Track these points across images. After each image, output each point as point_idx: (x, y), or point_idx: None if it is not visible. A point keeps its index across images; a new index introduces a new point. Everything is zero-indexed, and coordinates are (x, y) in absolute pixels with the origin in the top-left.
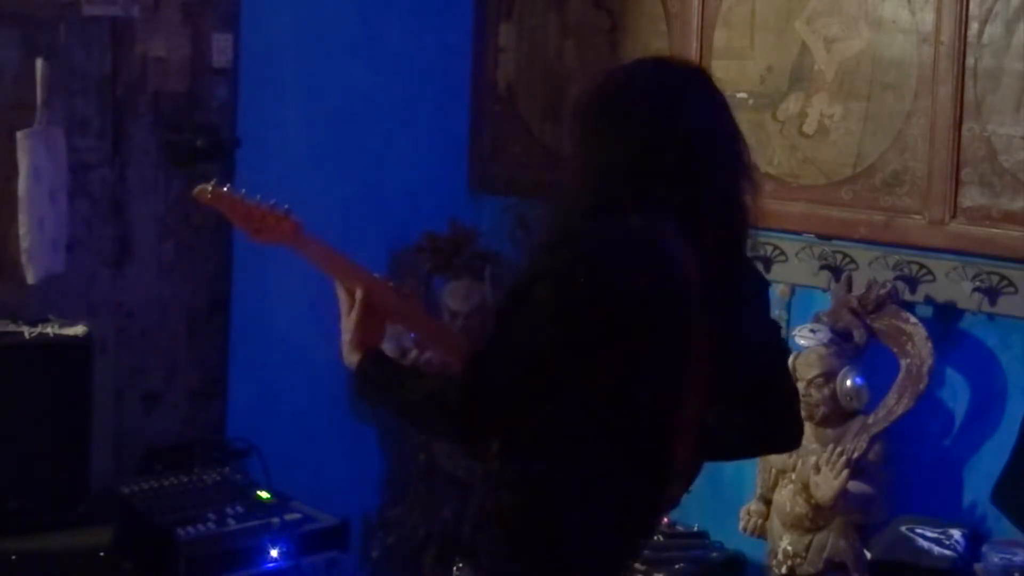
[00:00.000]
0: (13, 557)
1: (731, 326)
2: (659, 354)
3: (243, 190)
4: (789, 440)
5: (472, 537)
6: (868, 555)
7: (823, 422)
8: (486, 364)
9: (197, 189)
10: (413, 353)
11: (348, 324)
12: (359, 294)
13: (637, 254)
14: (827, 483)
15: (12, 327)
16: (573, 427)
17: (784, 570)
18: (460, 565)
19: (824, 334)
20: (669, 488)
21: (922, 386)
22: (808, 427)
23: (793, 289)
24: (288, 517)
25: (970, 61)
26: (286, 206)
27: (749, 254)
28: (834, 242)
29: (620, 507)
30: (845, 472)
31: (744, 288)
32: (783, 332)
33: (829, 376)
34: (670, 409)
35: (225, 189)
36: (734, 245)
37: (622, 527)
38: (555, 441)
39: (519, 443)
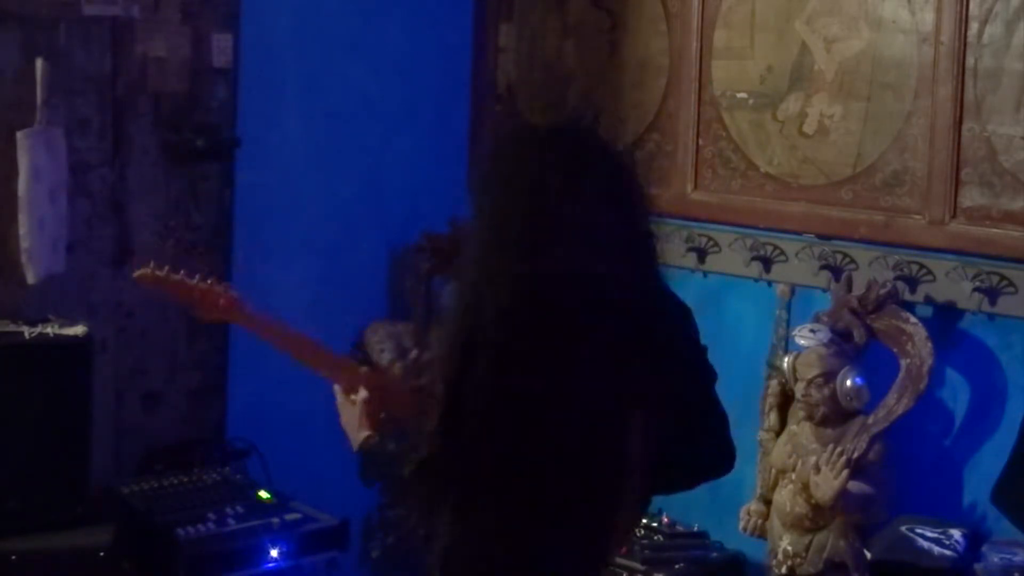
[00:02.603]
0: (13, 557)
1: (659, 352)
2: (603, 383)
3: (182, 271)
4: (723, 466)
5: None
6: (868, 555)
7: (823, 422)
8: (454, 420)
9: (138, 273)
10: (414, 352)
11: (355, 409)
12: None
13: (572, 287)
14: (827, 483)
15: (12, 327)
16: (531, 468)
17: (784, 570)
18: None
19: (824, 334)
20: (622, 523)
21: (922, 386)
22: (808, 427)
23: (793, 289)
24: (288, 517)
25: (970, 61)
26: (225, 282)
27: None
28: (834, 242)
29: (577, 544)
30: (845, 472)
31: (667, 314)
32: (790, 332)
33: (829, 376)
34: (619, 441)
35: (163, 272)
36: (646, 275)
37: (581, 561)
38: (514, 483)
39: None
